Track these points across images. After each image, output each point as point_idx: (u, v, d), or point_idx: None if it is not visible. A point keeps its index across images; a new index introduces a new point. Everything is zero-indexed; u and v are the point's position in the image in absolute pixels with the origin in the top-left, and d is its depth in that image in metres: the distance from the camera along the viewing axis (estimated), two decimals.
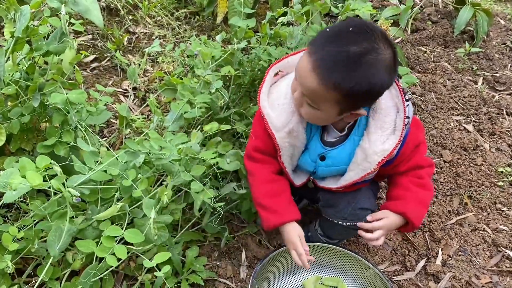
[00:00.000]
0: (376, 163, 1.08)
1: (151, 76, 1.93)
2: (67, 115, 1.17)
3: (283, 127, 1.10)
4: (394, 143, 1.06)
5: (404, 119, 1.05)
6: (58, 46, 1.10)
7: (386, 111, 1.06)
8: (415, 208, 1.16)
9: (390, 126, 1.06)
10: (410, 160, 1.17)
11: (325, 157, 1.15)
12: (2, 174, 0.95)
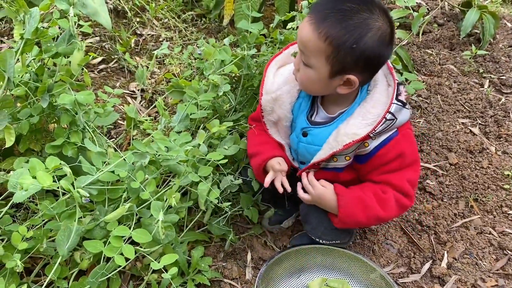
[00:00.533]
0: (343, 144, 1.07)
1: (159, 78, 1.94)
2: (75, 116, 1.19)
3: (272, 92, 1.18)
4: (367, 131, 1.05)
5: (385, 112, 1.03)
6: (67, 47, 1.12)
7: (375, 103, 1.06)
8: (351, 203, 1.15)
9: (373, 118, 1.05)
10: (387, 173, 1.13)
11: (307, 133, 1.17)
12: (12, 174, 0.96)
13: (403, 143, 1.10)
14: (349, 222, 1.18)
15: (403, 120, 1.07)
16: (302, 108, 1.19)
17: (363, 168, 1.17)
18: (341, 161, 1.15)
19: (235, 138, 1.39)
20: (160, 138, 1.17)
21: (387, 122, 1.04)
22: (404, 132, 1.11)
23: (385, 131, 1.06)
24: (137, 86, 1.92)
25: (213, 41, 1.56)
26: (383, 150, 1.09)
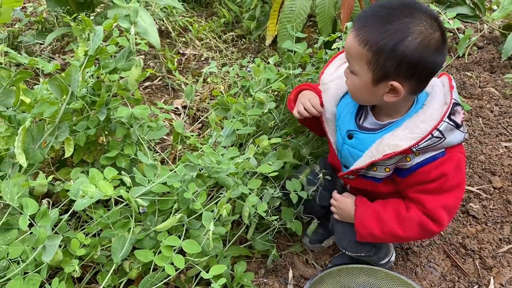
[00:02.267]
0: (383, 154, 1.04)
1: (203, 96, 2.00)
2: (130, 129, 1.24)
3: (325, 84, 1.22)
4: (409, 144, 1.00)
5: (433, 128, 0.99)
6: (126, 64, 1.17)
7: (426, 119, 1.01)
8: (367, 216, 1.16)
9: (420, 133, 1.01)
10: (423, 193, 1.08)
11: (352, 136, 1.15)
12: (74, 183, 1.01)
13: (447, 165, 1.04)
14: (365, 235, 1.17)
15: (453, 141, 1.03)
16: (349, 109, 1.17)
17: (402, 182, 1.13)
18: (380, 172, 1.12)
19: (279, 154, 1.41)
20: (210, 152, 1.20)
21: (433, 139, 1.00)
22: (453, 155, 1.05)
23: (430, 149, 1.02)
24: (182, 103, 1.98)
25: (258, 60, 1.60)
26: (425, 168, 1.05)
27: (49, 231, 0.94)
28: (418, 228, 1.10)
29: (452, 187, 1.07)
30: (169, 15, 2.61)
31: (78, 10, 2.11)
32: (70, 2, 2.06)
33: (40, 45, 2.52)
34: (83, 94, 1.29)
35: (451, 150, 1.05)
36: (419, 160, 1.04)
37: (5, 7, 0.96)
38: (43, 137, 1.09)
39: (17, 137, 1.01)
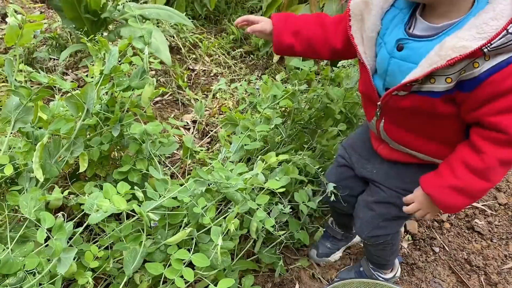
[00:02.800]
0: (446, 59, 0.85)
1: (213, 111, 2.04)
2: (142, 144, 1.28)
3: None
4: (480, 44, 0.82)
5: (508, 22, 0.81)
6: (139, 82, 1.22)
7: (497, 15, 0.83)
8: (446, 196, 1.00)
9: (491, 31, 0.82)
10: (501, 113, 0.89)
11: (403, 46, 0.96)
12: (88, 197, 1.05)
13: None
14: (456, 209, 1.03)
15: None
16: (397, 21, 1.00)
17: (467, 101, 0.92)
18: (439, 83, 0.91)
19: (285, 169, 1.44)
20: (220, 167, 1.24)
21: (509, 37, 0.81)
22: None
23: (504, 49, 0.83)
24: (192, 118, 2.03)
25: (266, 77, 1.65)
26: (497, 75, 0.85)
27: (64, 244, 0.97)
28: (501, 167, 0.95)
29: None
30: (180, 32, 2.67)
31: (92, 27, 2.18)
32: (84, 20, 2.13)
33: (54, 61, 2.59)
34: (97, 110, 1.33)
35: None
36: (489, 65, 0.85)
37: (26, 30, 1.00)
38: (59, 152, 1.14)
39: (35, 153, 1.05)
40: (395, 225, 1.27)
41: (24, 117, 1.07)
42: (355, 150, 1.31)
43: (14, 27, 0.98)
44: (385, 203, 1.22)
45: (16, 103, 1.05)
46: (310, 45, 1.19)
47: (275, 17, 1.21)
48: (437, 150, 1.07)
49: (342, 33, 1.16)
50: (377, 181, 1.23)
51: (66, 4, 2.03)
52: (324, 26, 1.18)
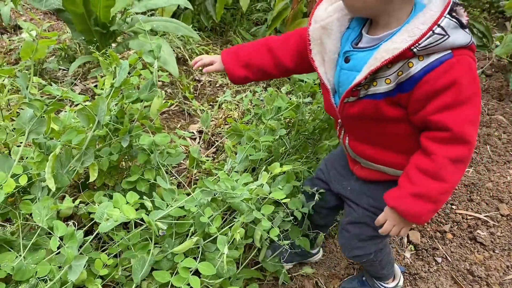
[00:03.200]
0: (381, 60, 0.93)
1: (218, 122, 2.08)
2: (150, 155, 1.31)
3: (322, 20, 1.08)
4: (409, 44, 0.90)
5: (433, 23, 0.89)
6: (149, 95, 1.26)
7: (427, 20, 0.91)
8: (411, 205, 1.01)
9: (420, 33, 0.90)
10: (442, 110, 0.94)
11: (349, 58, 1.04)
12: (99, 206, 1.08)
13: (458, 69, 0.91)
14: (422, 216, 1.02)
15: (459, 41, 0.91)
16: (350, 38, 1.07)
17: (410, 102, 0.97)
18: (380, 85, 0.98)
19: (288, 177, 1.46)
20: (226, 178, 1.27)
21: (435, 36, 0.89)
22: (462, 58, 0.92)
23: (434, 48, 0.90)
24: (198, 128, 2.07)
25: (271, 90, 1.68)
26: (432, 74, 0.91)
27: (75, 251, 1.01)
28: (453, 166, 0.97)
29: (470, 96, 0.94)
30: (186, 43, 2.72)
31: (101, 39, 2.23)
32: (93, 32, 2.18)
33: (62, 71, 2.65)
34: (107, 121, 1.37)
35: (459, 52, 0.92)
36: (423, 65, 0.92)
37: (41, 45, 1.05)
38: (70, 162, 1.17)
39: (48, 163, 1.09)
40: (371, 244, 1.29)
41: (38, 128, 1.11)
42: (333, 166, 1.35)
43: (29, 43, 1.03)
44: (358, 224, 1.27)
45: (30, 115, 1.09)
46: (263, 72, 1.26)
47: (224, 55, 1.28)
48: (398, 160, 1.10)
49: (290, 53, 1.23)
50: (351, 199, 1.28)
51: (76, 17, 2.09)
52: (272, 51, 1.24)
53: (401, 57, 0.92)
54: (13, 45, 2.78)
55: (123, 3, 2.06)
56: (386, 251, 1.36)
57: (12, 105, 1.99)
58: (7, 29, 3.06)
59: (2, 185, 1.03)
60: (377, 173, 1.17)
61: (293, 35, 1.24)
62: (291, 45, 1.22)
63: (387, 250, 1.37)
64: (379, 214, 1.14)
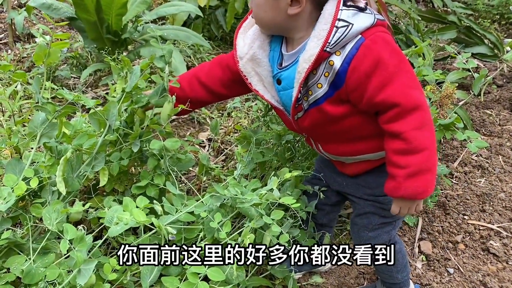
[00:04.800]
0: (304, 72, 0.99)
1: (228, 130, 2.08)
2: (160, 160, 1.31)
3: (246, 54, 1.12)
4: (320, 46, 0.95)
5: (333, 20, 0.95)
6: (159, 100, 1.26)
7: (327, 20, 0.97)
8: (414, 184, 1.02)
9: (325, 33, 0.96)
10: (382, 88, 0.97)
11: (280, 80, 1.10)
12: (108, 211, 1.08)
13: (374, 47, 0.96)
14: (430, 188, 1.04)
15: (364, 25, 0.96)
16: (275, 60, 1.12)
17: (350, 94, 1.02)
18: (316, 91, 1.03)
19: (296, 182, 1.45)
20: (235, 183, 1.26)
21: (341, 30, 0.95)
22: (374, 36, 0.97)
23: (345, 41, 0.96)
24: (208, 136, 2.07)
25: None
26: (354, 61, 0.96)
27: (85, 255, 1.00)
28: (422, 132, 0.99)
29: (397, 65, 0.97)
30: (196, 52, 2.74)
31: (113, 47, 2.25)
32: (105, 40, 2.21)
33: (74, 79, 2.68)
34: (117, 126, 1.38)
35: (369, 33, 0.97)
36: (343, 57, 0.97)
37: (54, 49, 1.06)
38: (81, 167, 1.18)
39: (59, 167, 1.09)
40: (383, 233, 1.30)
41: (49, 132, 1.11)
42: (325, 165, 1.37)
43: (42, 47, 1.04)
44: (363, 214, 1.29)
45: (43, 119, 1.10)
46: (200, 102, 1.33)
47: None
48: (374, 144, 1.13)
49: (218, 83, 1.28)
50: (349, 193, 1.30)
51: (88, 25, 2.11)
52: (204, 84, 1.29)
53: (320, 60, 0.98)
54: (26, 53, 2.82)
55: (135, 11, 2.08)
56: (399, 248, 1.35)
57: (24, 111, 2.01)
58: (20, 37, 3.11)
59: (14, 188, 1.04)
60: (363, 164, 1.20)
61: (215, 66, 1.29)
62: (217, 75, 1.28)
63: (401, 249, 1.37)
64: (379, 200, 1.21)
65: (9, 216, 1.12)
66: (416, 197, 1.05)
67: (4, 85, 2.21)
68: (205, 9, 2.98)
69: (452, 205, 1.94)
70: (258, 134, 1.52)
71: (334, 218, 1.54)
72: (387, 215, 1.23)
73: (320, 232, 1.49)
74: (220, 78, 1.27)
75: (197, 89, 1.29)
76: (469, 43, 2.98)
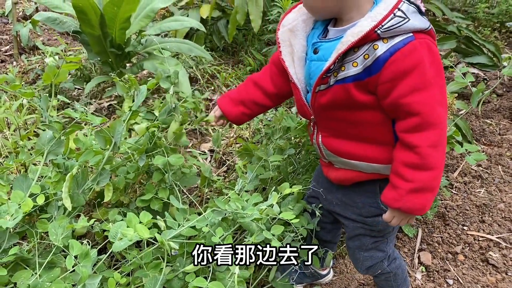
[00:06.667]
0: (347, 44, 0.98)
1: (230, 141, 2.11)
2: (165, 174, 1.34)
3: (289, 24, 1.15)
4: (372, 25, 0.95)
5: (394, 7, 0.95)
6: (167, 118, 1.30)
7: (388, 6, 0.97)
8: (414, 201, 1.04)
9: (381, 17, 0.96)
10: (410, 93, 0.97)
11: (318, 49, 1.10)
12: (113, 226, 1.11)
13: (421, 50, 0.96)
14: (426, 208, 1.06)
15: (419, 24, 0.97)
16: (316, 34, 1.14)
17: (380, 84, 1.00)
18: (348, 69, 1.02)
19: (298, 197, 1.48)
20: (236, 198, 1.29)
21: (397, 19, 0.95)
22: (424, 41, 0.97)
23: (397, 31, 0.95)
24: (210, 147, 2.10)
25: (281, 109, 1.71)
26: (398, 54, 0.95)
27: (90, 270, 1.03)
28: (436, 151, 1.00)
29: (434, 77, 0.98)
30: (199, 63, 2.78)
31: (116, 60, 2.29)
32: (109, 53, 2.25)
33: (78, 90, 2.72)
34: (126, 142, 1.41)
35: (420, 36, 0.97)
36: (388, 46, 0.96)
37: (63, 69, 1.09)
38: (86, 182, 1.21)
39: (65, 183, 1.12)
40: (377, 251, 1.32)
41: (56, 149, 1.14)
42: (319, 181, 1.39)
43: (52, 67, 1.07)
44: (355, 237, 1.31)
45: (50, 136, 1.13)
46: (255, 103, 1.35)
47: (218, 101, 1.39)
48: (373, 153, 1.12)
49: (269, 79, 1.31)
50: (339, 213, 1.31)
51: (92, 39, 2.15)
52: (257, 83, 1.34)
53: (366, 39, 0.97)
54: (31, 66, 2.86)
55: (139, 25, 2.12)
56: (399, 264, 1.37)
57: (29, 124, 2.05)
58: (25, 49, 3.15)
59: (21, 205, 1.07)
60: (352, 173, 1.19)
61: (268, 64, 1.34)
62: (268, 72, 1.32)
63: (401, 264, 1.39)
64: (367, 222, 1.23)
65: (16, 232, 1.14)
66: (412, 212, 1.07)
67: (9, 97, 2.25)
68: (207, 20, 3.03)
69: (452, 215, 1.96)
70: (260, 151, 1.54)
71: (337, 234, 1.55)
72: (377, 235, 1.27)
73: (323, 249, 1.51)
74: (270, 73, 1.31)
75: (252, 89, 1.34)
76: (468, 53, 3.01)
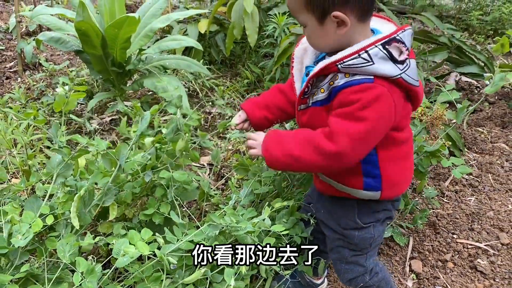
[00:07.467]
0: (314, 71, 1.08)
1: (227, 156, 2.20)
2: (167, 190, 1.43)
3: (305, 42, 1.22)
4: (333, 59, 1.04)
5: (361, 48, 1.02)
6: (174, 137, 1.39)
7: (363, 44, 1.03)
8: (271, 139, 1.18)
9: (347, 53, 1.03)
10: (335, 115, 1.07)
11: (308, 72, 1.17)
12: (116, 243, 1.19)
13: (369, 93, 1.01)
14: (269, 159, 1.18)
15: (383, 70, 1.01)
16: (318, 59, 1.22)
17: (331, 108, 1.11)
18: (318, 94, 1.12)
19: (292, 211, 1.56)
20: (231, 212, 1.37)
21: (359, 59, 1.01)
22: (379, 88, 1.01)
23: (357, 71, 1.02)
24: (208, 160, 2.18)
25: (277, 126, 1.79)
26: (348, 89, 1.03)
27: (95, 286, 1.11)
28: (310, 145, 1.09)
29: (364, 118, 1.03)
30: (197, 77, 2.87)
31: (117, 78, 2.38)
32: (110, 72, 2.34)
33: (80, 105, 2.81)
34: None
35: (381, 82, 1.01)
36: (347, 80, 1.03)
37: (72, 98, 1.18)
38: (93, 202, 1.29)
39: (73, 204, 1.21)
40: (357, 265, 1.37)
41: (65, 172, 1.23)
42: (312, 190, 1.48)
43: (62, 97, 1.17)
44: (334, 248, 1.39)
45: (59, 160, 1.22)
46: (279, 109, 1.40)
47: (243, 104, 1.45)
48: (341, 175, 1.21)
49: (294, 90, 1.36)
50: (323, 220, 1.39)
51: (94, 59, 2.25)
52: (283, 91, 1.39)
53: (329, 70, 1.06)
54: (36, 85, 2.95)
55: (138, 44, 2.21)
56: (382, 277, 1.43)
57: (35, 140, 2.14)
58: (29, 65, 3.25)
59: (31, 225, 1.15)
60: (330, 187, 1.27)
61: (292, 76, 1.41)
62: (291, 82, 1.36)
63: (384, 277, 1.44)
64: (345, 234, 1.31)
65: (26, 249, 1.23)
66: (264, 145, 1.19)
67: None
68: (205, 34, 3.12)
69: (442, 224, 2.04)
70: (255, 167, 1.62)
71: None
72: (355, 249, 1.34)
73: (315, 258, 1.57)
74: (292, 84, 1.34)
75: (277, 96, 1.41)
76: (460, 63, 3.09)
